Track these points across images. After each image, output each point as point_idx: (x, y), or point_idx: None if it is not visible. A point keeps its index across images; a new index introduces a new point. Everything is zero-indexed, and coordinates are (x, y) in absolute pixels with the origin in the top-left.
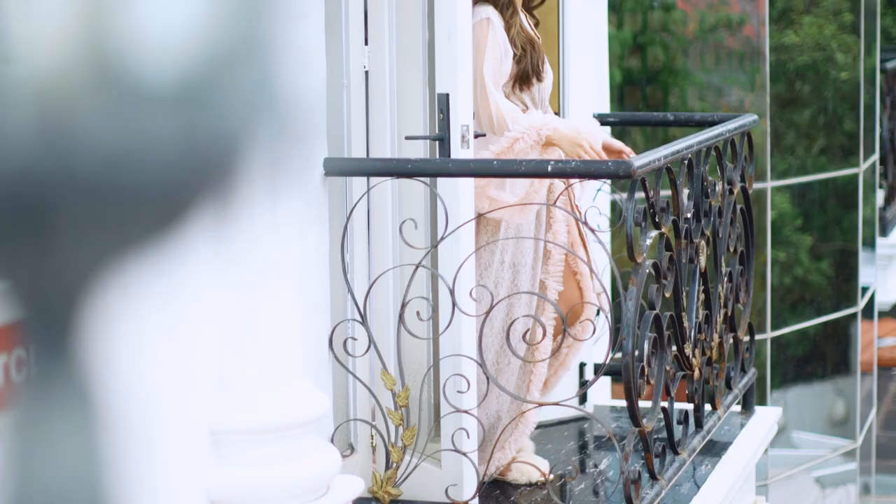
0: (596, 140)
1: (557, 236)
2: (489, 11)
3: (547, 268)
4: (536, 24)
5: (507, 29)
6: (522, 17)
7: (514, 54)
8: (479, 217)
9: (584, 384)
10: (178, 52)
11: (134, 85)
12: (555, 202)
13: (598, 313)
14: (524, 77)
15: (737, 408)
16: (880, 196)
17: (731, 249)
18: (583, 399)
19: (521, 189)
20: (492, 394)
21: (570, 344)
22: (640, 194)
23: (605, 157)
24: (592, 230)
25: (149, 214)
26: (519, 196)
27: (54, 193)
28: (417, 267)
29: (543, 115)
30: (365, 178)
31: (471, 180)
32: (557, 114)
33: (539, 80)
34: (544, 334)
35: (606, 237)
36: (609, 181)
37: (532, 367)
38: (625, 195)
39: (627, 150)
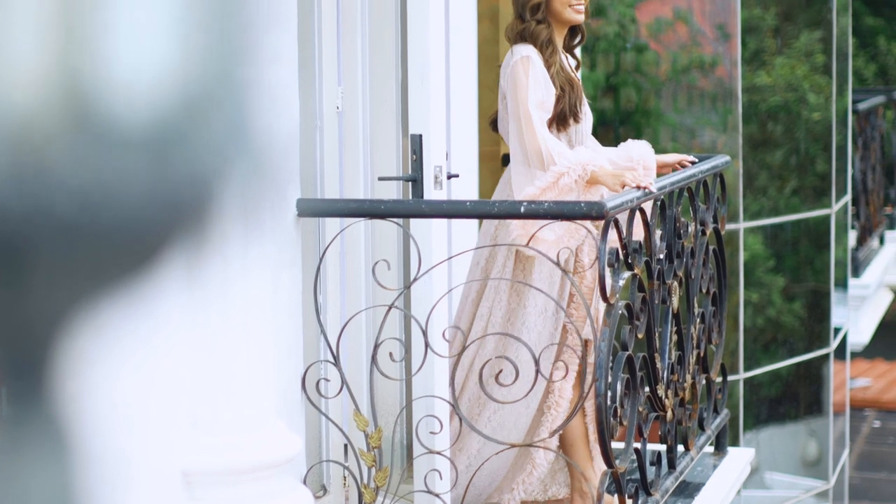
0: (649, 162)
1: (584, 280)
2: (529, 50)
3: (570, 311)
4: (577, 66)
5: (547, 67)
6: (562, 56)
7: (553, 93)
8: (517, 254)
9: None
10: (151, 94)
11: (107, 126)
12: (527, 243)
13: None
14: (562, 117)
15: (710, 449)
16: (852, 237)
17: (704, 290)
18: None
19: (559, 227)
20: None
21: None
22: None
23: (651, 187)
24: (566, 271)
25: (122, 256)
26: (558, 234)
27: (28, 234)
28: (390, 308)
29: (590, 152)
30: (338, 219)
31: (443, 221)
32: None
33: (576, 120)
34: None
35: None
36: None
37: (547, 409)
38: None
39: (687, 157)
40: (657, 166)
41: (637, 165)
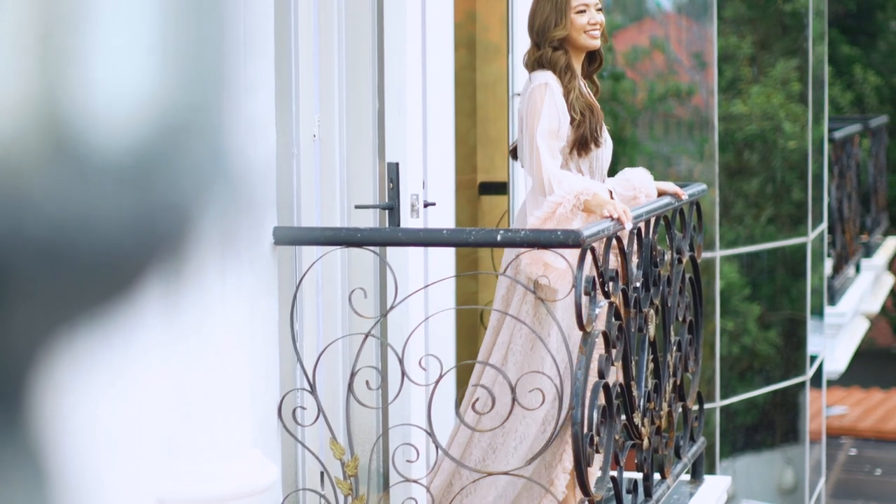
0: (650, 189)
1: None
2: (548, 76)
3: None
4: (596, 92)
5: (567, 94)
6: (581, 82)
7: (573, 119)
8: (536, 283)
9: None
10: (129, 122)
11: (85, 153)
12: (504, 270)
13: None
14: (583, 142)
15: (686, 477)
16: (828, 265)
17: (681, 318)
18: None
19: (570, 255)
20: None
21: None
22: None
23: (623, 218)
24: (542, 299)
25: (100, 283)
26: (570, 262)
27: (5, 260)
28: (367, 336)
29: (586, 180)
30: (315, 247)
31: (420, 249)
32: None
33: (597, 145)
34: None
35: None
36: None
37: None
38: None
39: (681, 191)
40: (657, 192)
41: (639, 193)
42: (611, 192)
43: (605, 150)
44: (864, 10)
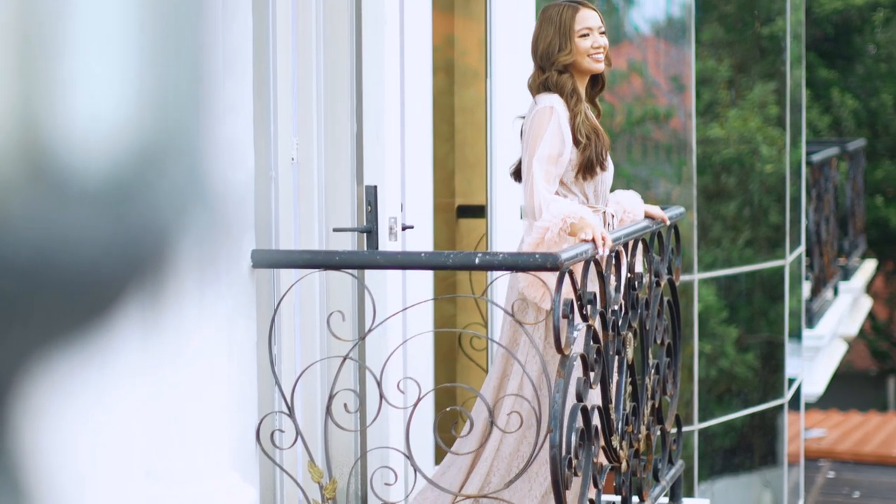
0: (638, 213)
1: None
2: (553, 100)
3: None
4: (598, 115)
5: (573, 117)
6: (586, 106)
7: (579, 142)
8: (535, 307)
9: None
10: (107, 145)
11: (64, 177)
12: (483, 293)
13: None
14: (588, 166)
15: (664, 500)
16: (807, 288)
17: (659, 341)
18: None
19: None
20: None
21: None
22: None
23: (598, 243)
24: (521, 323)
25: (79, 306)
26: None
27: None
28: (345, 359)
29: (573, 204)
30: (293, 270)
31: (398, 272)
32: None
33: (602, 168)
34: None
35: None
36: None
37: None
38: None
39: (664, 216)
40: (644, 215)
41: (626, 216)
42: (605, 215)
43: (608, 173)
44: (841, 34)
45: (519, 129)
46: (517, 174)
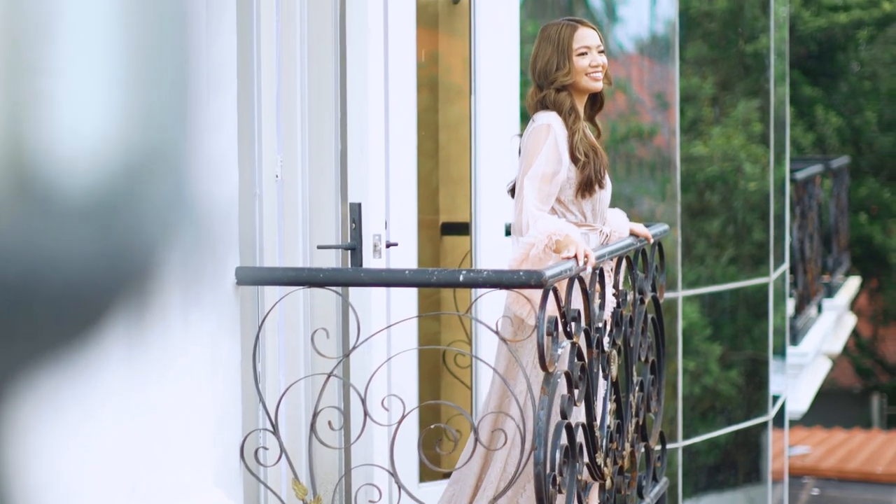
0: (623, 231)
1: None
2: (551, 118)
3: None
4: (599, 135)
5: (571, 136)
6: (584, 124)
7: (578, 161)
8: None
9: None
10: (92, 162)
11: (49, 194)
12: (467, 310)
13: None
14: (587, 184)
15: None
16: (790, 305)
17: (643, 359)
18: None
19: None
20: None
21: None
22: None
23: (579, 260)
24: (504, 340)
25: (64, 322)
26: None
27: None
28: (329, 376)
29: (560, 222)
30: (277, 287)
31: (382, 290)
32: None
33: (601, 186)
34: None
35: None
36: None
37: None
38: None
39: (649, 235)
40: (630, 233)
41: (613, 234)
42: (601, 234)
43: (606, 192)
44: (825, 52)
45: (517, 147)
46: (514, 191)
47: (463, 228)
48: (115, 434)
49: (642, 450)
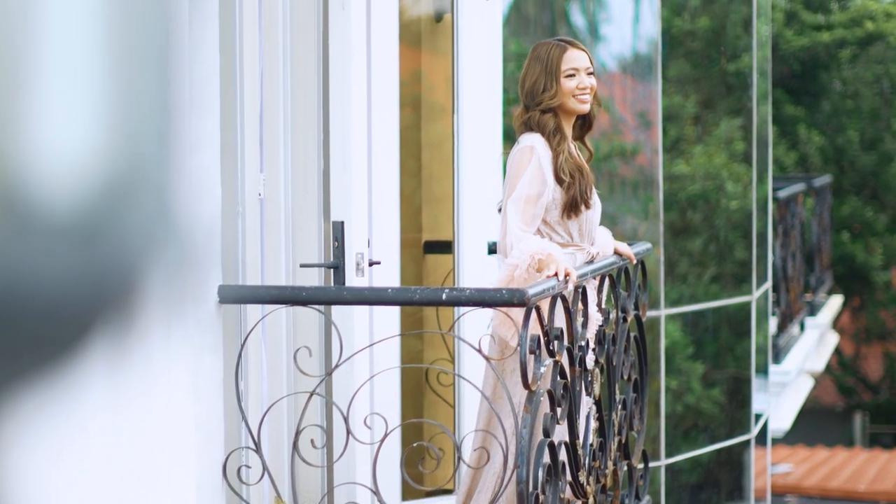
0: (607, 249)
1: None
2: (535, 139)
3: None
4: (590, 157)
5: (555, 157)
6: (571, 144)
7: (563, 181)
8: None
9: None
10: (75, 181)
11: (32, 212)
12: (450, 329)
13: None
14: (573, 205)
15: None
16: (773, 323)
17: (626, 377)
18: None
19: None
20: None
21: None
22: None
23: (560, 277)
24: (487, 358)
25: (46, 341)
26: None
27: None
28: (312, 394)
29: (543, 241)
30: (260, 306)
31: (365, 308)
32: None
33: (587, 207)
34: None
35: None
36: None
37: None
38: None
39: (632, 255)
40: (614, 252)
41: (600, 252)
42: (588, 254)
43: (594, 212)
44: (808, 71)
45: (504, 165)
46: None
47: (446, 247)
48: (96, 452)
49: (625, 468)
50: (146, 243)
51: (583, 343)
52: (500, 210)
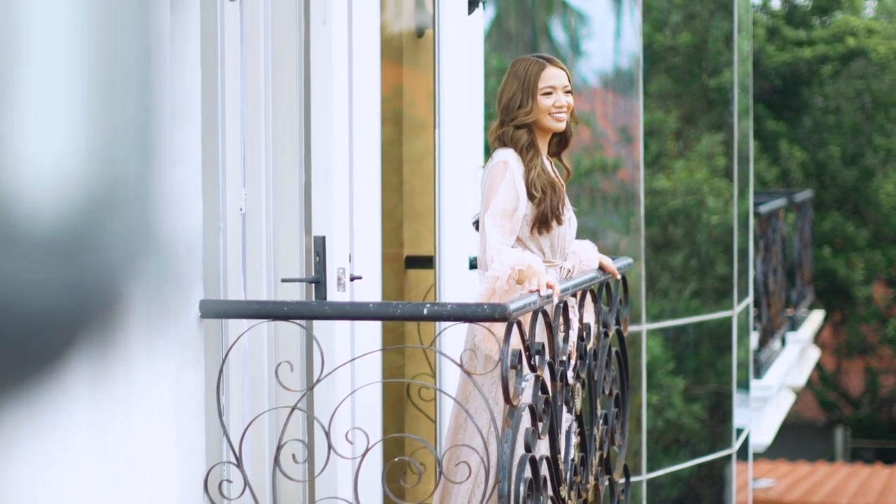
0: (592, 263)
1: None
2: (508, 154)
3: None
4: (568, 175)
5: (527, 172)
6: (545, 161)
7: (535, 197)
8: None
9: None
10: (56, 196)
11: (13, 228)
12: (431, 343)
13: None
14: (543, 220)
15: None
16: (754, 338)
17: (607, 392)
18: None
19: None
20: None
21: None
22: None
23: (542, 291)
24: (468, 373)
25: (27, 357)
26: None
27: None
28: (293, 409)
29: (525, 254)
30: (241, 321)
31: (346, 323)
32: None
33: (559, 223)
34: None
35: None
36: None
37: None
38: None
39: (615, 270)
40: (600, 267)
41: (584, 266)
42: (569, 271)
43: (567, 228)
44: (789, 86)
45: (480, 180)
46: (478, 224)
47: (427, 262)
48: (76, 468)
49: (606, 483)
50: (128, 257)
51: (564, 358)
52: (474, 224)
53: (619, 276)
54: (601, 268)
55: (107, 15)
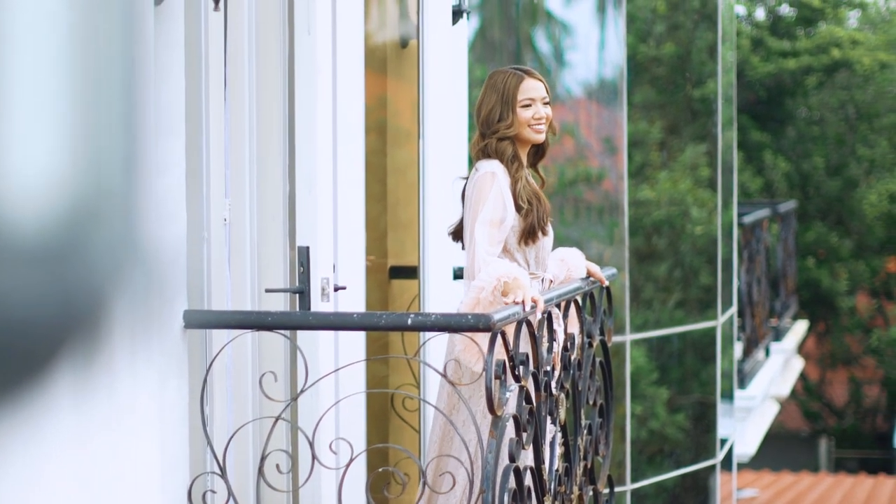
0: (580, 271)
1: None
2: (494, 166)
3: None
4: (542, 184)
5: (514, 183)
6: (527, 172)
7: (521, 208)
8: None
9: None
10: (41, 206)
11: None
12: (416, 353)
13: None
14: (531, 231)
15: None
16: (738, 349)
17: (591, 402)
18: None
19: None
20: None
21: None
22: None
23: (526, 304)
24: (453, 384)
25: (11, 366)
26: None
27: None
28: (277, 419)
29: (511, 265)
30: (225, 331)
31: (330, 333)
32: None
33: (544, 234)
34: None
35: None
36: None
37: None
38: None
39: (603, 278)
40: (588, 274)
41: (572, 274)
42: (551, 281)
43: (549, 239)
44: (773, 97)
45: (460, 190)
46: (456, 234)
47: (411, 272)
48: (60, 479)
49: (590, 493)
50: (112, 266)
51: (548, 368)
52: (451, 233)
53: (606, 283)
54: (589, 275)
55: (91, 26)
